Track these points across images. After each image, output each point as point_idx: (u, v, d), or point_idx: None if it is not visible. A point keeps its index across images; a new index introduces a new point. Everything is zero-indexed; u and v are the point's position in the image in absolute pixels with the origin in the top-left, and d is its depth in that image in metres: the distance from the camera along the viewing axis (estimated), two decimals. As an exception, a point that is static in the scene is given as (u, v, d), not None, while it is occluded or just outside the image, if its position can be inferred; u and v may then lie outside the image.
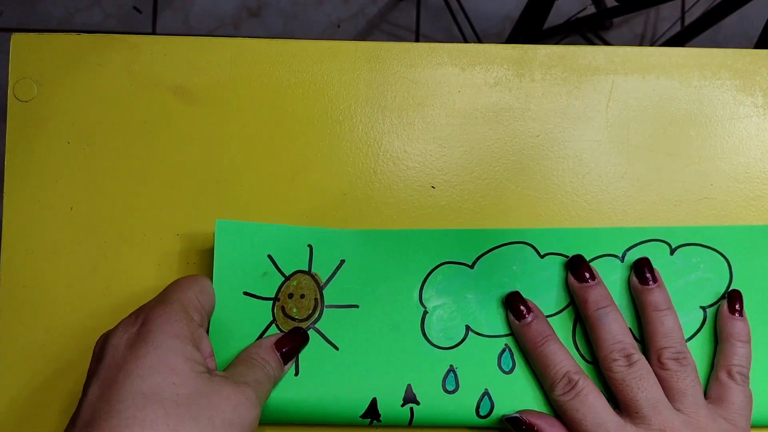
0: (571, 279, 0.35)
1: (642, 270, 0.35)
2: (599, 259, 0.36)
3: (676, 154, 0.38)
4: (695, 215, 0.37)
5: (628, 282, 0.36)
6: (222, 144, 0.37)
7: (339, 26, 1.09)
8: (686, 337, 0.35)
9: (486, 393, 0.35)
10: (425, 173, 0.37)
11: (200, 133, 0.37)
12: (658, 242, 0.36)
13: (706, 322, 0.36)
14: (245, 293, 0.35)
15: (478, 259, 0.36)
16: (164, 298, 0.30)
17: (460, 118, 0.38)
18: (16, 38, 0.37)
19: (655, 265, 0.35)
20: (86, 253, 0.36)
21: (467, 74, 0.38)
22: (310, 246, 0.35)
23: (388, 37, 1.09)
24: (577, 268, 0.35)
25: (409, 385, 0.35)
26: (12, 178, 0.37)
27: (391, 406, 0.34)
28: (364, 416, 0.34)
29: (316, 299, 0.35)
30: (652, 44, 1.08)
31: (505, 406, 0.34)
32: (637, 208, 0.37)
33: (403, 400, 0.34)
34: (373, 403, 0.34)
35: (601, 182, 0.37)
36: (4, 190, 0.36)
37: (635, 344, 0.34)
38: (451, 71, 0.38)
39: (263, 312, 0.35)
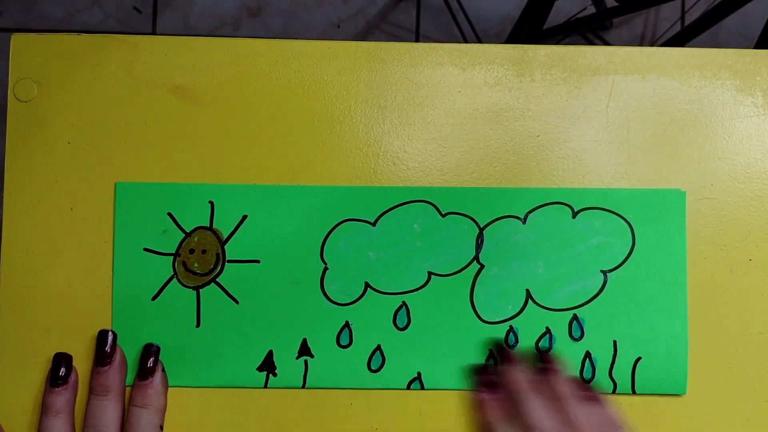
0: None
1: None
2: (501, 221, 0.37)
3: (676, 154, 0.38)
4: (695, 215, 0.37)
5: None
6: (222, 144, 0.37)
7: (339, 26, 1.09)
8: (584, 301, 0.36)
9: (378, 348, 0.36)
10: (425, 173, 0.37)
11: (200, 133, 0.37)
12: (561, 205, 0.37)
13: (606, 285, 0.36)
14: (145, 249, 0.36)
15: (380, 216, 0.37)
16: None
17: (460, 118, 0.38)
18: (16, 38, 0.37)
19: (557, 229, 0.36)
20: (86, 253, 0.36)
21: (467, 74, 0.38)
22: (211, 202, 0.36)
23: (388, 37, 1.09)
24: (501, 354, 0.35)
25: (304, 339, 0.36)
26: (12, 178, 0.37)
27: (286, 358, 0.36)
28: (260, 368, 0.36)
29: (217, 254, 0.36)
30: (652, 44, 1.08)
31: (396, 362, 0.36)
32: (637, 208, 0.37)
33: (298, 352, 0.36)
34: (269, 355, 0.36)
35: (601, 182, 0.37)
36: (4, 190, 0.36)
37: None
38: (451, 71, 0.38)
39: (163, 267, 0.36)
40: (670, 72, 0.38)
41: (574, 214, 0.36)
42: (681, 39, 0.80)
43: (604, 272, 0.36)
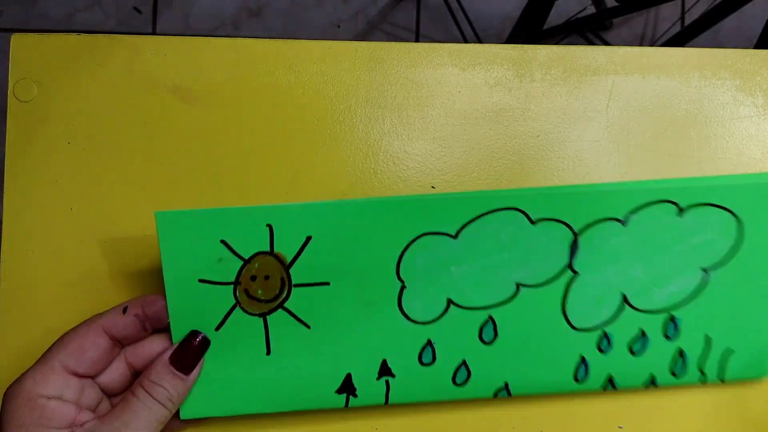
0: None
1: None
2: (599, 224, 0.34)
3: (676, 154, 0.38)
4: (695, 215, 0.37)
5: None
6: (222, 144, 0.37)
7: (339, 26, 1.09)
8: (683, 299, 0.34)
9: (463, 363, 0.34)
10: (425, 173, 0.37)
11: (200, 133, 0.37)
12: (665, 203, 0.34)
13: (708, 284, 0.34)
14: (201, 280, 0.34)
15: (462, 228, 0.33)
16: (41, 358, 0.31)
17: (460, 118, 0.38)
18: (16, 38, 0.37)
19: (661, 229, 0.34)
20: (86, 253, 0.36)
21: (467, 74, 0.38)
22: (269, 226, 0.34)
23: (388, 37, 1.09)
24: None
25: (384, 360, 0.34)
26: (12, 178, 0.37)
27: (366, 379, 0.34)
28: (339, 391, 0.34)
29: (282, 279, 0.34)
30: (652, 44, 1.08)
31: (481, 375, 0.34)
32: (637, 208, 0.37)
33: (378, 373, 0.34)
34: (348, 378, 0.34)
35: (602, 182, 0.37)
36: (4, 190, 0.36)
37: None
38: (451, 71, 0.38)
39: (224, 297, 0.34)
40: (670, 72, 0.38)
41: (681, 211, 0.34)
42: (681, 39, 0.80)
43: (705, 270, 0.34)
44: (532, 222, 0.33)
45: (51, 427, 0.30)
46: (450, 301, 0.34)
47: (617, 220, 0.33)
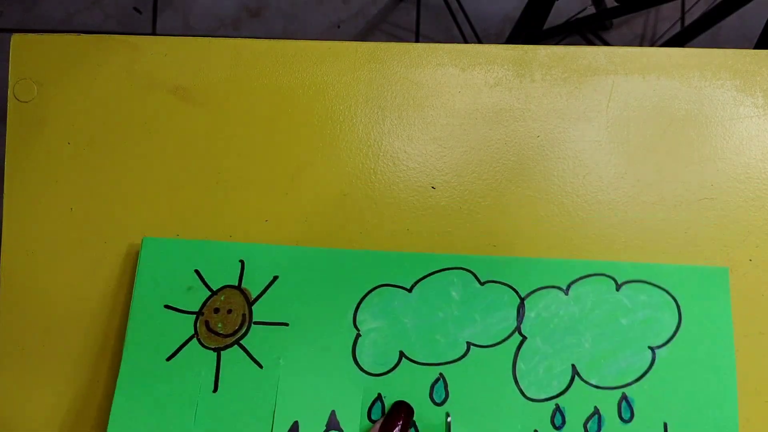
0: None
1: None
2: (542, 291, 0.35)
3: (676, 154, 0.38)
4: (695, 215, 0.37)
5: None
6: (222, 144, 0.37)
7: (339, 27, 1.09)
8: (633, 379, 0.34)
9: (413, 425, 0.34)
10: (425, 173, 0.37)
11: (200, 133, 0.37)
12: (604, 277, 0.35)
13: (655, 363, 0.34)
14: (166, 306, 0.34)
15: (416, 283, 0.35)
16: None
17: (460, 118, 0.38)
18: (16, 39, 0.37)
19: (600, 301, 0.34)
20: (86, 253, 0.36)
21: (467, 75, 0.38)
22: (241, 261, 0.35)
23: (388, 38, 1.09)
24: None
25: (333, 412, 0.34)
26: (12, 178, 0.37)
27: (312, 431, 0.33)
28: None
29: (244, 315, 0.34)
30: (652, 44, 1.08)
31: None
32: (636, 209, 0.37)
33: (326, 426, 0.34)
34: (294, 427, 0.33)
35: (601, 183, 0.37)
36: (4, 190, 0.36)
37: None
38: (451, 72, 0.38)
39: (184, 326, 0.34)
40: (670, 72, 0.38)
41: (618, 287, 0.35)
42: (681, 39, 0.80)
43: (652, 348, 0.34)
44: (480, 283, 0.35)
45: None
46: (402, 354, 0.34)
47: (559, 288, 0.35)
